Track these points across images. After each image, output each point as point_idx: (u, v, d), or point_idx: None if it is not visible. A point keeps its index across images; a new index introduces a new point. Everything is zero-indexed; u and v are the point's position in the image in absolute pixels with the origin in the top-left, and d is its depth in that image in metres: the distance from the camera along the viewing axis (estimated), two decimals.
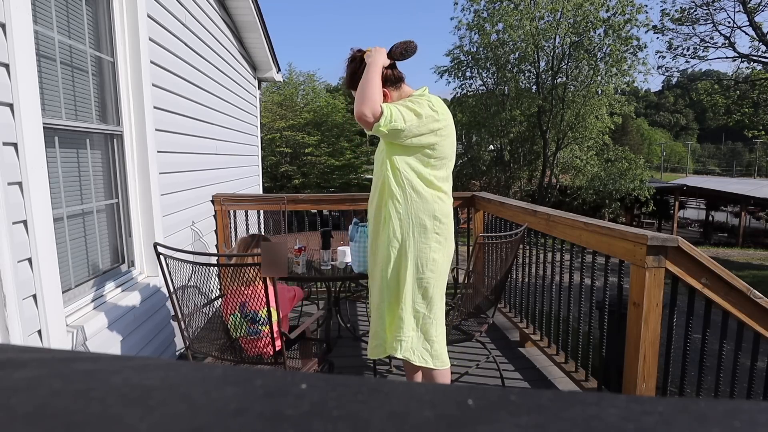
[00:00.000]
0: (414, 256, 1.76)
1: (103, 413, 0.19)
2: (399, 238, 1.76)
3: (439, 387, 0.23)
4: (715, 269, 1.89)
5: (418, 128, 1.67)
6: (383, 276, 1.81)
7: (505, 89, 18.08)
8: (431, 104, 1.71)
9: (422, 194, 1.75)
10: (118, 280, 2.30)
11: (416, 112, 1.66)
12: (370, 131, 1.64)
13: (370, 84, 1.66)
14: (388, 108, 1.62)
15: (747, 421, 0.19)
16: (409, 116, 1.65)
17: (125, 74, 2.37)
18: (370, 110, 1.62)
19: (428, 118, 1.69)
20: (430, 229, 1.76)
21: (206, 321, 2.17)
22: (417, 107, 1.67)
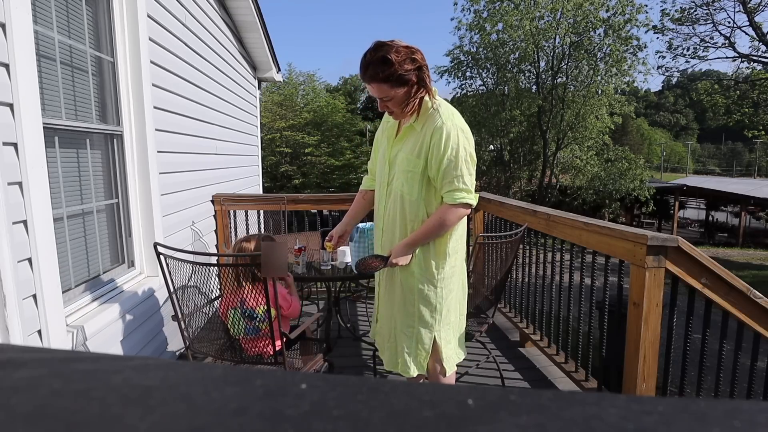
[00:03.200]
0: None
1: (103, 413, 0.19)
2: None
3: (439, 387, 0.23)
4: (715, 269, 1.89)
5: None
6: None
7: (505, 89, 18.09)
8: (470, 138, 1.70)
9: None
10: (118, 280, 2.30)
11: (473, 161, 1.68)
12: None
13: (438, 234, 1.70)
14: (471, 190, 1.66)
15: (747, 421, 0.19)
16: (473, 170, 1.68)
17: (125, 74, 2.37)
18: (463, 218, 1.70)
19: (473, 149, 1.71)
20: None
21: (206, 321, 2.17)
22: (471, 152, 1.67)
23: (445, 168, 1.63)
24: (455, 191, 1.64)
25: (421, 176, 1.67)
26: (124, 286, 2.32)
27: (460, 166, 1.62)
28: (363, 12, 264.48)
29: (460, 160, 1.62)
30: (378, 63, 1.54)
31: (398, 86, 1.57)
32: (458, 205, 1.64)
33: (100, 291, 2.14)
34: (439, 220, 1.67)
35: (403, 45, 1.57)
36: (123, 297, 2.22)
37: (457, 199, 1.64)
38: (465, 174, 1.63)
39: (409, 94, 1.60)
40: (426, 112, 1.65)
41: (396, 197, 1.74)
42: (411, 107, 1.63)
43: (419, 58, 1.58)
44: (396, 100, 1.62)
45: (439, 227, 1.67)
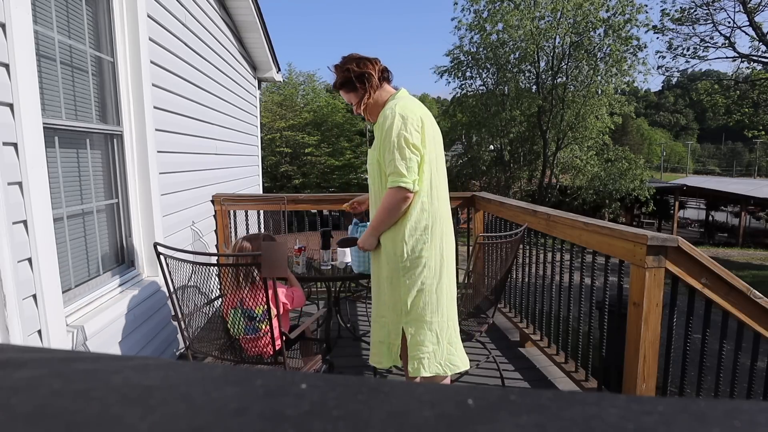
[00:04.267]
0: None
1: (103, 413, 0.19)
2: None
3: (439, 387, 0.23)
4: (715, 269, 1.89)
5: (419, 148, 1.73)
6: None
7: (505, 89, 18.08)
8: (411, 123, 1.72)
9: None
10: (118, 280, 2.30)
11: (413, 147, 1.70)
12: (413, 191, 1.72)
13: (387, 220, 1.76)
14: (404, 174, 1.67)
15: (747, 421, 0.19)
16: (412, 156, 1.69)
17: (125, 74, 2.37)
18: (403, 203, 1.71)
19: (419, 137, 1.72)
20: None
21: (206, 321, 2.17)
22: (409, 140, 1.69)
23: (384, 153, 1.73)
24: (391, 175, 1.70)
25: (378, 167, 1.80)
26: (124, 286, 2.32)
27: (393, 150, 1.68)
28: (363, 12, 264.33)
29: (392, 144, 1.68)
30: (334, 74, 1.87)
31: (350, 90, 1.84)
32: (394, 189, 1.69)
33: (100, 291, 2.13)
34: (384, 205, 1.74)
35: (354, 57, 1.84)
36: (123, 297, 2.22)
37: (392, 183, 1.69)
38: (397, 158, 1.68)
39: (360, 97, 1.83)
40: (383, 109, 1.81)
41: (371, 191, 1.91)
42: (364, 108, 1.85)
43: (363, 68, 1.80)
44: (354, 103, 1.87)
45: (384, 211, 1.73)
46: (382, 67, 1.86)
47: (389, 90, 1.87)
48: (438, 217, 1.82)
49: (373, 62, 1.84)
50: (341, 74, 1.83)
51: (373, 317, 1.94)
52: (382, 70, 1.86)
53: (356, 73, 1.80)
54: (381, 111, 1.81)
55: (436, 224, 1.80)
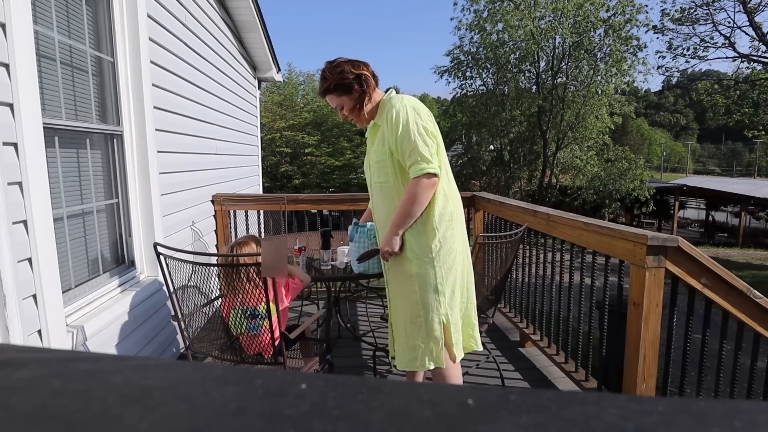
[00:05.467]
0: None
1: (103, 413, 0.19)
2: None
3: (439, 387, 0.23)
4: (715, 269, 1.89)
5: (436, 136, 1.75)
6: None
7: (505, 89, 18.09)
8: (423, 113, 1.75)
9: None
10: (118, 280, 2.30)
11: (432, 135, 1.71)
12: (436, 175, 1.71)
13: (414, 212, 1.71)
14: (429, 159, 1.67)
15: (747, 421, 0.19)
16: (432, 143, 1.70)
17: (125, 74, 2.37)
18: (431, 189, 1.69)
19: (433, 125, 1.75)
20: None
21: (206, 321, 2.17)
22: (423, 125, 1.70)
23: (401, 144, 1.69)
24: (415, 164, 1.67)
25: (391, 162, 1.76)
26: (124, 286, 2.32)
27: (413, 138, 1.67)
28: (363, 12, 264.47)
29: (412, 133, 1.67)
30: (321, 80, 1.83)
31: (344, 93, 1.80)
32: (422, 177, 1.66)
33: (100, 291, 2.13)
34: (410, 197, 1.69)
35: (344, 60, 1.81)
36: (123, 297, 2.22)
37: (419, 171, 1.66)
38: (420, 145, 1.67)
39: (356, 99, 1.80)
40: (382, 107, 1.80)
41: (377, 191, 1.85)
42: (361, 111, 1.82)
43: (359, 70, 1.78)
44: (347, 107, 1.83)
45: (412, 203, 1.69)
46: (372, 71, 1.85)
47: (380, 92, 1.87)
48: (457, 203, 1.84)
49: (365, 64, 1.83)
50: (335, 77, 1.78)
51: (400, 321, 1.86)
52: (373, 73, 1.85)
53: (353, 74, 1.77)
54: (381, 109, 1.80)
55: (456, 210, 1.82)
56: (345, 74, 1.77)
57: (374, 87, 1.82)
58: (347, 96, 1.81)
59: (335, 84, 1.79)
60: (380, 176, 1.82)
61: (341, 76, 1.77)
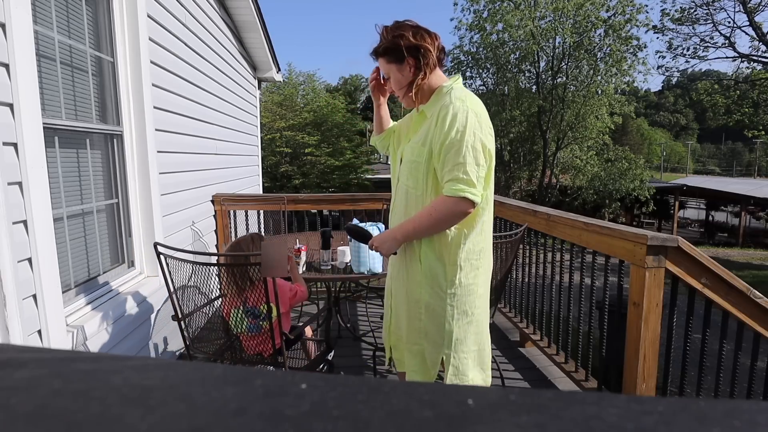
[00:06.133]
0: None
1: (103, 413, 0.19)
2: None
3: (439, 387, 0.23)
4: (715, 269, 1.89)
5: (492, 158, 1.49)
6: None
7: (505, 89, 18.09)
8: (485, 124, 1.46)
9: None
10: (118, 280, 2.30)
11: (489, 156, 1.44)
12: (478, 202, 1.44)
13: (429, 230, 1.48)
14: (474, 183, 1.39)
15: (747, 421, 0.19)
16: (484, 165, 1.43)
17: (125, 74, 2.37)
18: (461, 217, 1.44)
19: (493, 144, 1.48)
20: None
21: (206, 321, 2.17)
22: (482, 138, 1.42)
23: (446, 152, 1.40)
24: (454, 181, 1.39)
25: (426, 167, 1.47)
26: (124, 286, 2.32)
27: (464, 152, 1.37)
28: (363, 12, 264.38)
29: (466, 145, 1.37)
30: (381, 37, 1.52)
31: (394, 61, 1.49)
32: (455, 199, 1.39)
33: (100, 291, 2.13)
34: (432, 213, 1.44)
35: (410, 24, 1.49)
36: (123, 297, 2.22)
37: (456, 191, 1.38)
38: (469, 162, 1.37)
39: (404, 73, 1.49)
40: (438, 96, 1.49)
41: (402, 192, 1.58)
42: (408, 90, 1.51)
43: (421, 40, 1.46)
44: (394, 79, 1.54)
45: (431, 222, 1.45)
46: (441, 46, 1.52)
47: (441, 75, 1.54)
48: (490, 238, 1.62)
49: (432, 36, 1.49)
50: (389, 39, 1.48)
51: (393, 341, 1.71)
52: (440, 48, 1.52)
53: (411, 44, 1.45)
54: (436, 98, 1.50)
55: (487, 247, 1.60)
56: (401, 39, 1.46)
57: (434, 66, 1.49)
58: (396, 65, 1.50)
59: (385, 47, 1.49)
60: (409, 179, 1.53)
61: (395, 40, 1.47)
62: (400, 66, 1.49)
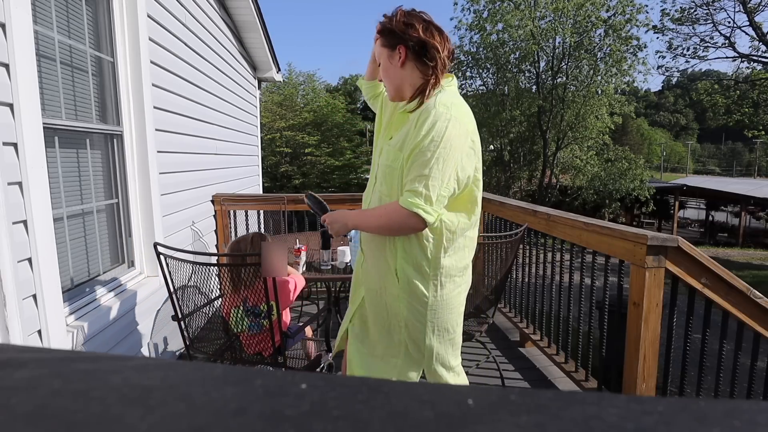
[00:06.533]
0: None
1: (103, 413, 0.19)
2: None
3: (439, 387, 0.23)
4: (715, 269, 1.89)
5: (466, 177, 1.34)
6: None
7: (505, 89, 18.09)
8: (470, 136, 1.33)
9: None
10: (118, 280, 2.30)
11: (460, 172, 1.31)
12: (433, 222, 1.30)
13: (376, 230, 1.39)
14: (431, 199, 1.25)
15: (747, 421, 0.19)
16: (452, 183, 1.29)
17: (125, 74, 2.37)
18: (409, 232, 1.33)
19: (473, 161, 1.35)
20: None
21: (206, 321, 2.17)
22: (461, 161, 1.29)
23: (414, 160, 1.26)
24: (411, 193, 1.26)
25: (400, 173, 1.34)
26: (124, 286, 2.32)
27: (432, 164, 1.23)
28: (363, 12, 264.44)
29: (437, 157, 1.23)
30: (391, 17, 1.39)
31: (386, 46, 1.37)
32: (407, 212, 1.26)
33: (100, 291, 2.13)
34: (381, 215, 1.35)
35: (425, 18, 1.37)
36: (123, 297, 2.22)
37: (410, 204, 1.25)
38: (434, 176, 1.24)
39: (393, 62, 1.37)
40: (428, 99, 1.35)
41: (375, 200, 1.46)
42: (396, 83, 1.39)
43: (426, 35, 1.33)
44: (382, 66, 1.41)
45: (379, 222, 1.36)
46: (451, 48, 1.39)
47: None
48: (472, 254, 1.52)
49: (443, 37, 1.36)
50: (394, 22, 1.35)
51: (369, 351, 1.59)
52: (450, 51, 1.39)
53: (414, 36, 1.32)
54: (422, 100, 1.35)
55: (471, 263, 1.52)
56: (403, 26, 1.33)
57: (442, 70, 1.38)
58: (387, 50, 1.38)
59: (385, 28, 1.37)
60: (384, 185, 1.41)
61: (398, 25, 1.34)
62: (389, 52, 1.37)
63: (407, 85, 1.39)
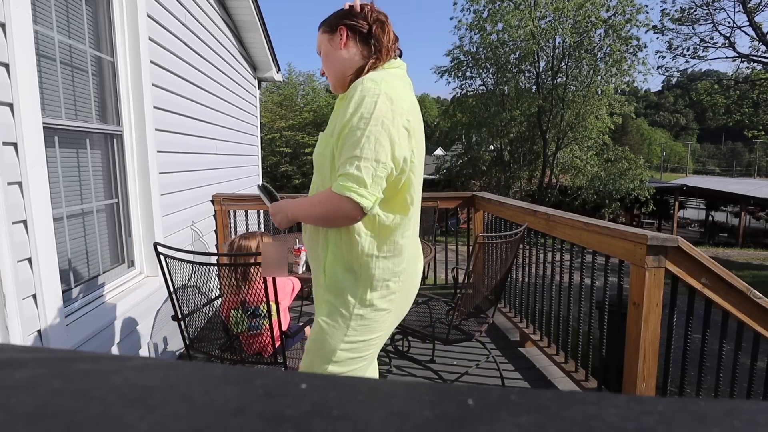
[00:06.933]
0: None
1: (103, 413, 0.19)
2: None
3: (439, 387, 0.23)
4: (715, 269, 1.89)
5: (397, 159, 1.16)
6: None
7: (505, 89, 18.09)
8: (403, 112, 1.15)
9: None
10: (117, 280, 2.30)
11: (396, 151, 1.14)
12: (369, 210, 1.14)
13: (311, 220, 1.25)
14: (365, 182, 1.10)
15: (747, 421, 0.19)
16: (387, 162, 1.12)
17: (125, 74, 2.37)
18: (345, 222, 1.18)
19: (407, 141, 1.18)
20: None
21: (206, 321, 2.17)
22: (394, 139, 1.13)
23: (345, 141, 1.13)
24: (344, 176, 1.11)
25: (331, 160, 1.21)
26: (123, 286, 2.32)
27: (363, 143, 1.09)
28: None
29: (368, 135, 1.09)
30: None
31: (325, 32, 1.30)
32: (340, 197, 1.11)
33: (100, 291, 2.13)
34: (315, 203, 1.20)
35: (373, 5, 1.30)
36: (123, 297, 2.22)
37: (342, 188, 1.10)
38: (366, 157, 1.09)
39: (332, 44, 1.28)
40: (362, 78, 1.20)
41: (312, 191, 1.34)
42: (336, 70, 1.29)
43: (370, 17, 1.26)
44: (323, 55, 1.32)
45: (313, 212, 1.21)
46: (389, 31, 1.29)
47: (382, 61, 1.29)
48: (411, 261, 1.33)
49: (384, 20, 1.28)
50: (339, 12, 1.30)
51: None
52: (394, 35, 1.30)
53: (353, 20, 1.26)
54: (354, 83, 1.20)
55: (409, 270, 1.33)
56: (344, 11, 1.28)
57: (386, 54, 1.27)
58: (327, 35, 1.30)
59: (329, 18, 1.31)
60: (317, 175, 1.29)
61: (339, 12, 1.29)
62: (331, 36, 1.28)
63: (349, 68, 1.28)
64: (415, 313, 2.60)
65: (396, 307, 1.32)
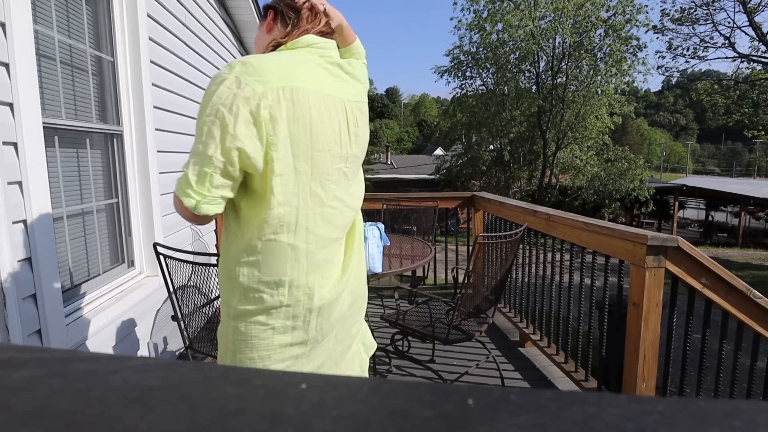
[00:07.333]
0: None
1: (103, 413, 0.19)
2: None
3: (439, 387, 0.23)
4: (715, 269, 1.89)
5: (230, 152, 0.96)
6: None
7: (505, 89, 18.10)
8: (254, 94, 0.94)
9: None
10: (117, 280, 2.30)
11: (231, 143, 0.94)
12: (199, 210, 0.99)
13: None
14: (191, 182, 0.97)
15: (747, 421, 0.19)
16: (219, 158, 0.95)
17: (125, 74, 2.37)
18: (192, 221, 1.04)
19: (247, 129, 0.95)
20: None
21: (206, 321, 2.17)
22: (227, 127, 0.93)
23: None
24: (181, 174, 0.99)
25: None
26: (123, 285, 2.32)
27: (198, 138, 0.96)
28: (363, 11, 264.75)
29: (200, 127, 0.95)
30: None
31: (260, 20, 1.21)
32: (176, 197, 1.00)
33: (100, 291, 2.13)
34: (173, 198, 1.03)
35: None
36: (123, 297, 2.22)
37: (176, 187, 1.00)
38: (197, 152, 0.96)
39: (261, 29, 1.19)
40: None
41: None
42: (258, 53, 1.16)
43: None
44: (255, 42, 1.24)
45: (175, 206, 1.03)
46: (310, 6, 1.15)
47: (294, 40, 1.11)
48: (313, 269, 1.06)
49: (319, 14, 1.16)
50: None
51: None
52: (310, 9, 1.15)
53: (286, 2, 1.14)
54: None
55: (311, 283, 1.06)
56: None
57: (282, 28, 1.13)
58: (259, 22, 1.22)
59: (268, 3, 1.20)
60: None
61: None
62: (261, 22, 1.19)
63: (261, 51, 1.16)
64: (415, 313, 2.60)
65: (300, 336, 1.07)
